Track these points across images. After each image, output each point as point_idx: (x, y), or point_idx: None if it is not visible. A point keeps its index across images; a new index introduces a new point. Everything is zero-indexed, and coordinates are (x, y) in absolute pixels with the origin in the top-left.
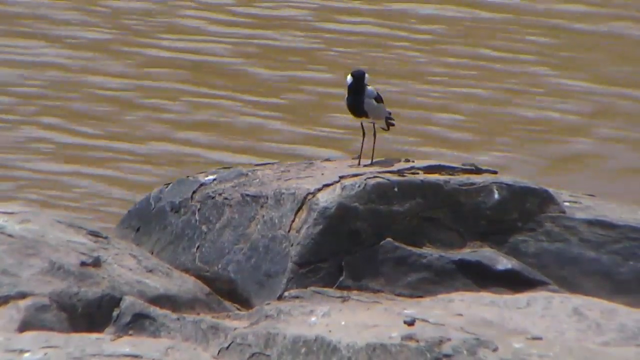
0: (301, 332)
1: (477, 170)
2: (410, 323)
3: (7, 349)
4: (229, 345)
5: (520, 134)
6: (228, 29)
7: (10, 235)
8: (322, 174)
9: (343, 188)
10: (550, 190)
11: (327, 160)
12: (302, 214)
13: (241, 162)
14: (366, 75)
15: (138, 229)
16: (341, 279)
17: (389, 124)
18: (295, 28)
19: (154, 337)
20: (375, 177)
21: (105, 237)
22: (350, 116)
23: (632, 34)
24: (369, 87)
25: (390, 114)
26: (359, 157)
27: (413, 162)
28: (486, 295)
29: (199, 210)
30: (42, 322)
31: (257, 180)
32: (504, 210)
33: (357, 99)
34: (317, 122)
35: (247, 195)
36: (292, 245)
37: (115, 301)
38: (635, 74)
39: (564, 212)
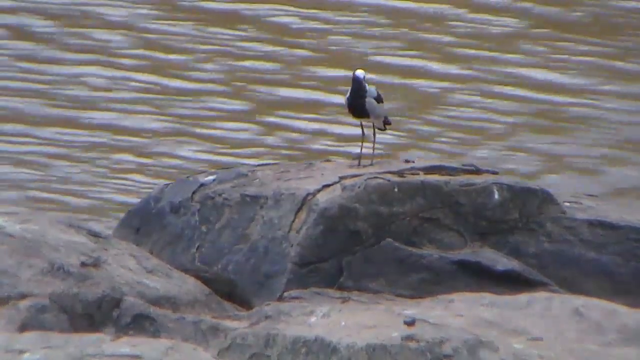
0: (301, 333)
1: (477, 171)
2: (411, 323)
3: (7, 349)
4: (229, 345)
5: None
6: None
7: (10, 235)
8: (322, 174)
9: (343, 188)
10: (551, 190)
11: (327, 160)
12: (302, 215)
13: None
14: (364, 76)
15: (138, 230)
16: (341, 279)
17: (385, 124)
18: None
19: (154, 338)
20: (375, 177)
21: (105, 238)
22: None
23: None
24: (371, 87)
25: (387, 113)
26: (359, 158)
27: (413, 162)
28: (486, 296)
29: (198, 210)
30: (42, 322)
31: (257, 180)
32: (504, 211)
33: (359, 99)
34: None
35: (247, 195)
36: (291, 246)
37: (115, 302)
38: None
39: (564, 212)
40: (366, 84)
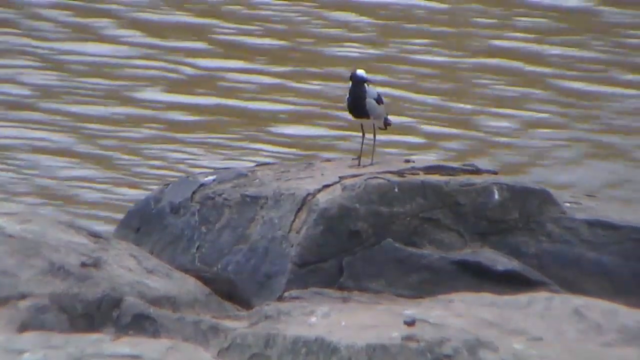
0: (301, 333)
1: (477, 171)
2: (411, 323)
3: (7, 349)
4: (229, 345)
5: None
6: None
7: (10, 236)
8: (322, 174)
9: (343, 188)
10: (551, 190)
11: (327, 160)
12: (302, 215)
13: None
14: (364, 76)
15: (138, 230)
16: (341, 279)
17: (386, 124)
18: None
19: (154, 338)
20: (375, 177)
21: (106, 238)
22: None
23: None
24: (370, 88)
25: (387, 113)
26: (359, 158)
27: (413, 162)
28: (486, 296)
29: (198, 210)
30: (42, 322)
31: (257, 180)
32: (504, 211)
33: (359, 99)
34: None
35: (247, 195)
36: (292, 246)
37: (115, 302)
38: None
39: (564, 212)
40: (366, 85)
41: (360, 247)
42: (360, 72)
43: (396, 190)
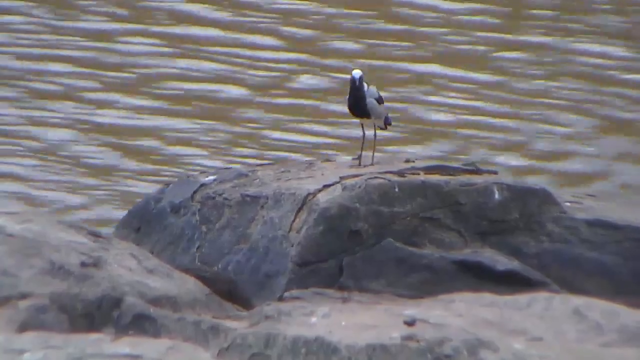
0: (301, 333)
1: (478, 171)
2: (411, 323)
3: (7, 349)
4: (229, 345)
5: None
6: None
7: (10, 235)
8: (323, 174)
9: (343, 188)
10: (551, 190)
11: (327, 160)
12: (303, 215)
13: None
14: (361, 76)
15: (138, 229)
16: (341, 279)
17: (387, 123)
18: None
19: (154, 338)
20: (375, 177)
21: (106, 238)
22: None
23: None
24: (371, 88)
25: (387, 113)
26: (359, 158)
27: (413, 162)
28: (487, 296)
29: (199, 210)
30: (42, 322)
31: (257, 180)
32: (504, 211)
33: (359, 99)
34: None
35: (247, 195)
36: (292, 246)
37: (116, 302)
38: None
39: (564, 212)
40: (365, 84)
41: (361, 247)
42: (357, 72)
43: (396, 190)
